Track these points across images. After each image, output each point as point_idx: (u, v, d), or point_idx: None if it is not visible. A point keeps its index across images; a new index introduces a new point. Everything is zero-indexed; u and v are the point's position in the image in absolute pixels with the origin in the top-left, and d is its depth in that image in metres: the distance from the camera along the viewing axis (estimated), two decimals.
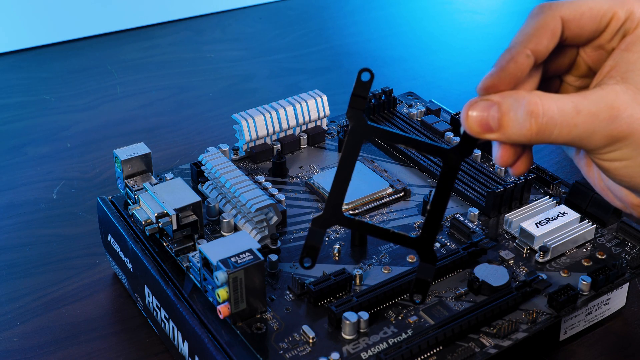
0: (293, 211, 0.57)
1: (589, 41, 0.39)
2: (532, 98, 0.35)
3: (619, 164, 0.36)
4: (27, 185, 0.70)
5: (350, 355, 0.45)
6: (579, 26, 0.38)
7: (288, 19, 1.04)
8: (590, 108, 0.35)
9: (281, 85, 0.88)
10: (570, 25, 0.38)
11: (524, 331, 0.47)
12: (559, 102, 0.35)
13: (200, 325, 0.47)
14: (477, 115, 0.36)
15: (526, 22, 0.38)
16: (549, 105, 0.35)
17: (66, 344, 0.54)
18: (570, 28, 0.38)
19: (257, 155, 0.61)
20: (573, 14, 0.38)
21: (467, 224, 0.54)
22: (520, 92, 0.36)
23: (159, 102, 0.84)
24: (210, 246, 0.47)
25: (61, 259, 0.61)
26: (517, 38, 0.38)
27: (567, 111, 0.35)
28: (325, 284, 0.48)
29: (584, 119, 0.35)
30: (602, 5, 0.38)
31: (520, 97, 0.36)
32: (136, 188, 0.54)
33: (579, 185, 0.56)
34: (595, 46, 0.40)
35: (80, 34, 0.98)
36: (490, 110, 0.36)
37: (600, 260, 0.52)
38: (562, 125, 0.35)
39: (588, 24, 0.38)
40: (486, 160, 0.62)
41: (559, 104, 0.35)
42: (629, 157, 0.36)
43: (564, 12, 0.38)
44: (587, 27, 0.38)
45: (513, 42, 0.38)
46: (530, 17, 0.38)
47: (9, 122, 0.80)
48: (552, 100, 0.35)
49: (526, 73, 0.37)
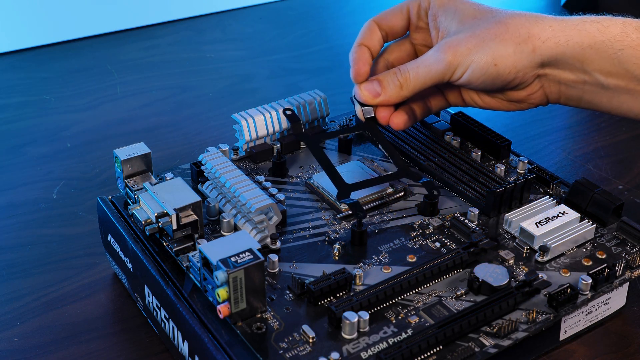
0: (293, 211, 0.57)
1: (404, 36, 0.60)
2: (395, 69, 0.55)
3: (468, 76, 0.53)
4: (27, 185, 0.70)
5: (350, 354, 0.45)
6: (388, 24, 0.58)
7: (288, 19, 1.04)
8: (422, 58, 0.55)
9: (281, 85, 0.88)
10: (383, 22, 0.58)
11: (523, 331, 0.47)
12: (409, 63, 0.55)
13: (200, 325, 0.47)
14: (368, 87, 0.56)
15: None
16: (404, 67, 0.55)
17: (66, 344, 0.54)
18: (384, 25, 0.58)
19: (257, 155, 0.61)
20: (381, 16, 0.59)
21: (467, 224, 0.54)
22: (392, 69, 0.56)
23: (159, 102, 0.84)
24: (210, 246, 0.47)
25: (61, 259, 0.61)
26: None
27: (413, 65, 0.55)
28: (325, 283, 0.48)
29: (420, 64, 0.54)
30: (399, 6, 0.58)
31: (390, 71, 0.56)
32: (136, 188, 0.54)
33: (579, 185, 0.56)
34: (418, 30, 0.59)
35: (80, 34, 0.98)
36: (374, 84, 0.56)
37: (600, 259, 0.52)
38: (415, 73, 0.54)
39: (394, 19, 0.59)
40: (486, 160, 0.62)
41: (409, 65, 0.55)
42: (469, 63, 0.53)
43: (376, 17, 0.59)
44: (394, 21, 0.59)
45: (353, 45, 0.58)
46: None
47: (9, 122, 0.80)
48: (406, 64, 0.55)
49: (365, 59, 0.57)
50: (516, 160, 0.61)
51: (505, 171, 0.60)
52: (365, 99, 0.56)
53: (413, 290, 0.50)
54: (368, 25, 0.59)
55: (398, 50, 0.60)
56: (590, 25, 0.52)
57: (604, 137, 0.78)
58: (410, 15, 0.58)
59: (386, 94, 0.55)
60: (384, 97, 0.55)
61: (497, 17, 0.54)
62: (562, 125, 0.80)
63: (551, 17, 0.53)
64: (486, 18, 0.54)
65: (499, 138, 0.62)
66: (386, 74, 0.56)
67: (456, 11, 0.55)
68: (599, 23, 0.52)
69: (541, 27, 0.52)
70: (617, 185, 0.70)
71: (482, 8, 0.55)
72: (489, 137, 0.62)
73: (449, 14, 0.55)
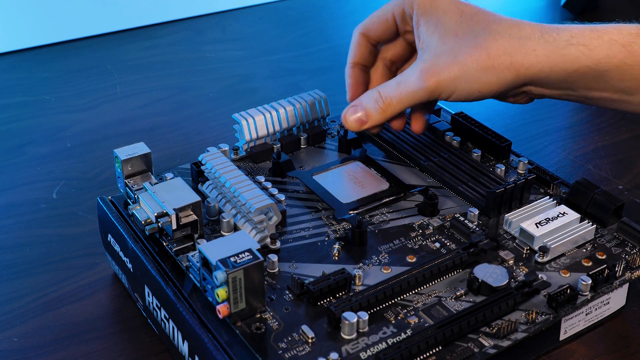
0: (293, 211, 0.57)
1: (396, 37, 0.59)
2: (373, 93, 0.55)
3: (452, 98, 0.53)
4: (27, 185, 0.70)
5: (349, 355, 0.45)
6: (376, 34, 0.58)
7: (288, 19, 1.04)
8: (402, 81, 0.54)
9: (281, 85, 0.88)
10: (371, 33, 0.58)
11: (523, 331, 0.47)
12: (389, 84, 0.54)
13: (200, 325, 0.47)
14: (353, 118, 0.56)
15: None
16: (385, 91, 0.54)
17: (66, 344, 0.54)
18: (372, 34, 0.58)
19: (257, 155, 0.61)
20: (368, 27, 0.58)
21: (467, 224, 0.54)
22: (368, 92, 0.56)
23: (159, 102, 0.84)
24: (209, 246, 0.47)
25: (61, 259, 0.61)
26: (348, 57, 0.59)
27: (393, 87, 0.54)
28: (324, 283, 0.48)
29: (402, 89, 0.54)
30: (383, 12, 0.57)
31: (368, 95, 0.55)
32: (136, 188, 0.54)
33: (579, 186, 0.56)
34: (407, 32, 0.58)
35: (80, 34, 0.98)
36: (357, 112, 0.56)
37: (600, 260, 0.52)
38: (398, 99, 0.54)
39: (381, 29, 0.58)
40: (486, 160, 0.62)
41: (388, 85, 0.54)
42: (453, 91, 0.53)
43: (362, 28, 0.58)
44: (382, 31, 0.58)
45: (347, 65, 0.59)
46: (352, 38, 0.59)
47: (9, 122, 0.80)
48: (387, 87, 0.54)
49: (362, 78, 0.59)
50: (516, 160, 0.61)
51: (505, 171, 0.60)
52: (353, 128, 0.56)
53: (412, 291, 0.50)
54: (357, 40, 0.58)
55: (394, 48, 0.60)
56: (575, 49, 0.50)
57: (604, 137, 0.78)
58: (396, 22, 0.57)
59: (371, 120, 0.55)
60: (370, 124, 0.56)
61: (478, 37, 0.52)
62: (562, 125, 0.80)
63: (536, 37, 0.51)
64: (467, 37, 0.52)
65: (499, 138, 0.62)
66: (369, 100, 0.55)
67: (438, 23, 0.53)
68: (584, 46, 0.50)
69: (524, 53, 0.51)
70: (617, 185, 0.70)
71: (463, 21, 0.53)
72: (489, 137, 0.62)
73: (430, 25, 0.54)
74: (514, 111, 0.82)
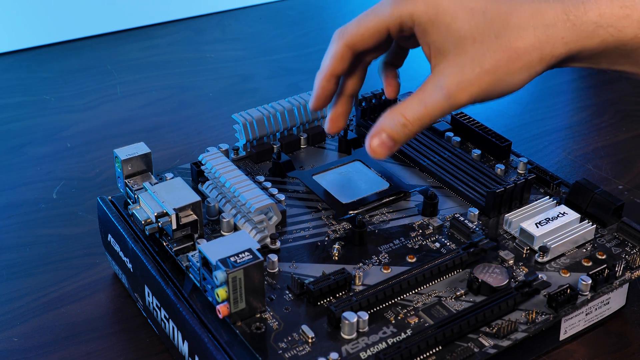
0: (293, 211, 0.57)
1: (387, 46, 0.53)
2: (398, 118, 0.48)
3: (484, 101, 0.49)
4: (27, 185, 0.70)
5: (349, 355, 0.45)
6: (365, 46, 0.51)
7: (288, 19, 1.04)
8: (428, 101, 0.48)
9: (281, 85, 0.88)
10: (359, 46, 0.51)
11: (523, 331, 0.47)
12: (411, 105, 0.48)
13: (200, 325, 0.47)
14: (378, 144, 0.49)
15: (327, 49, 0.52)
16: (411, 114, 0.48)
17: (66, 344, 0.54)
18: (360, 47, 0.51)
19: (257, 155, 0.61)
20: (355, 39, 0.51)
21: (467, 224, 0.54)
22: (390, 113, 0.49)
23: (159, 102, 0.84)
24: (209, 246, 0.47)
25: (61, 259, 0.61)
26: (321, 65, 0.52)
27: (418, 109, 0.48)
28: (324, 283, 0.48)
29: (429, 109, 0.48)
30: (374, 24, 0.50)
31: (392, 120, 0.49)
32: (136, 188, 0.54)
33: (579, 186, 0.56)
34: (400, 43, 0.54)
35: (80, 34, 0.98)
36: (382, 137, 0.49)
37: (600, 260, 0.52)
38: (426, 121, 0.48)
39: (372, 41, 0.51)
40: (486, 160, 0.62)
41: (412, 107, 0.48)
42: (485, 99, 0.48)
43: (348, 40, 0.51)
44: (372, 43, 0.51)
45: (320, 69, 0.52)
46: (330, 44, 0.52)
47: (9, 122, 0.80)
48: (408, 107, 0.48)
49: (334, 90, 0.53)
50: (516, 160, 0.61)
51: (505, 171, 0.60)
52: (381, 156, 0.50)
53: (412, 291, 0.50)
54: (339, 52, 0.51)
55: (382, 52, 0.55)
56: (604, 31, 0.47)
57: (604, 137, 0.78)
58: (391, 33, 0.51)
59: (398, 144, 0.50)
60: (396, 148, 0.50)
61: (500, 36, 0.47)
62: (562, 125, 0.80)
63: (561, 21, 0.47)
64: (488, 40, 0.47)
65: (499, 138, 0.62)
66: (395, 125, 0.49)
67: (449, 28, 0.48)
68: (613, 28, 0.47)
69: (553, 44, 0.47)
70: (617, 185, 0.70)
71: (478, 21, 0.48)
72: (489, 137, 0.62)
73: (441, 31, 0.49)
74: (514, 111, 0.82)
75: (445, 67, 0.49)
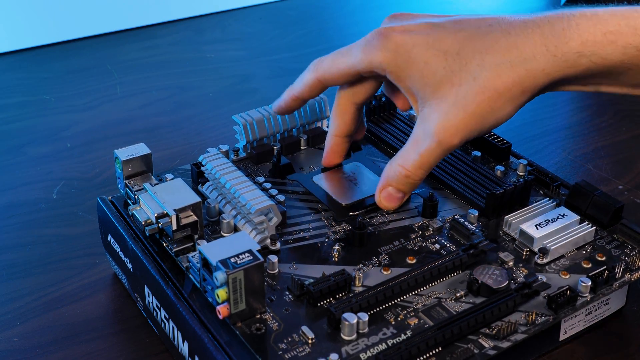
0: (293, 212, 0.57)
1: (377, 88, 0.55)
2: (400, 170, 0.51)
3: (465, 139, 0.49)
4: (27, 185, 0.70)
5: (349, 356, 0.45)
6: (337, 82, 0.54)
7: (288, 19, 1.04)
8: (422, 149, 0.49)
9: (281, 85, 0.87)
10: (329, 82, 0.54)
11: (522, 332, 0.47)
12: (407, 156, 0.50)
13: (200, 325, 0.47)
14: (386, 197, 0.53)
15: (302, 74, 0.56)
16: (411, 166, 0.50)
17: (66, 344, 0.54)
18: (330, 83, 0.54)
19: (257, 156, 0.61)
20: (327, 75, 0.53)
21: (467, 226, 0.54)
22: (391, 165, 0.51)
23: (159, 102, 0.84)
24: (209, 247, 0.47)
25: (61, 259, 0.61)
26: (293, 84, 0.57)
27: (414, 158, 0.50)
28: (324, 284, 0.48)
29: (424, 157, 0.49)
30: (346, 68, 0.52)
31: (392, 169, 0.51)
32: (136, 188, 0.54)
33: (579, 187, 0.56)
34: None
35: (80, 34, 0.98)
36: (389, 190, 0.52)
37: (600, 262, 0.52)
38: (425, 168, 0.50)
39: (343, 79, 0.53)
40: (486, 162, 0.62)
41: (409, 157, 0.50)
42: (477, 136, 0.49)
43: (320, 75, 0.54)
44: (344, 80, 0.53)
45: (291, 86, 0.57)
46: (305, 70, 0.56)
47: (9, 122, 0.80)
48: (405, 157, 0.50)
49: (295, 107, 0.57)
50: (516, 162, 0.61)
51: (505, 173, 0.60)
52: (395, 207, 0.54)
53: (412, 292, 0.50)
54: (348, 110, 0.55)
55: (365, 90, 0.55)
56: (588, 60, 0.45)
57: (604, 137, 0.78)
58: (365, 76, 0.53)
59: (407, 194, 0.53)
60: (407, 196, 0.53)
61: (478, 77, 0.46)
62: (562, 125, 0.81)
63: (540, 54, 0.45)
64: (467, 83, 0.46)
65: (499, 140, 0.62)
66: (398, 179, 0.51)
67: (423, 74, 0.48)
68: (597, 56, 0.45)
69: (534, 77, 0.46)
70: (617, 185, 0.70)
71: (452, 63, 0.47)
72: (489, 138, 0.62)
73: (416, 78, 0.48)
74: None
75: (429, 112, 0.48)
